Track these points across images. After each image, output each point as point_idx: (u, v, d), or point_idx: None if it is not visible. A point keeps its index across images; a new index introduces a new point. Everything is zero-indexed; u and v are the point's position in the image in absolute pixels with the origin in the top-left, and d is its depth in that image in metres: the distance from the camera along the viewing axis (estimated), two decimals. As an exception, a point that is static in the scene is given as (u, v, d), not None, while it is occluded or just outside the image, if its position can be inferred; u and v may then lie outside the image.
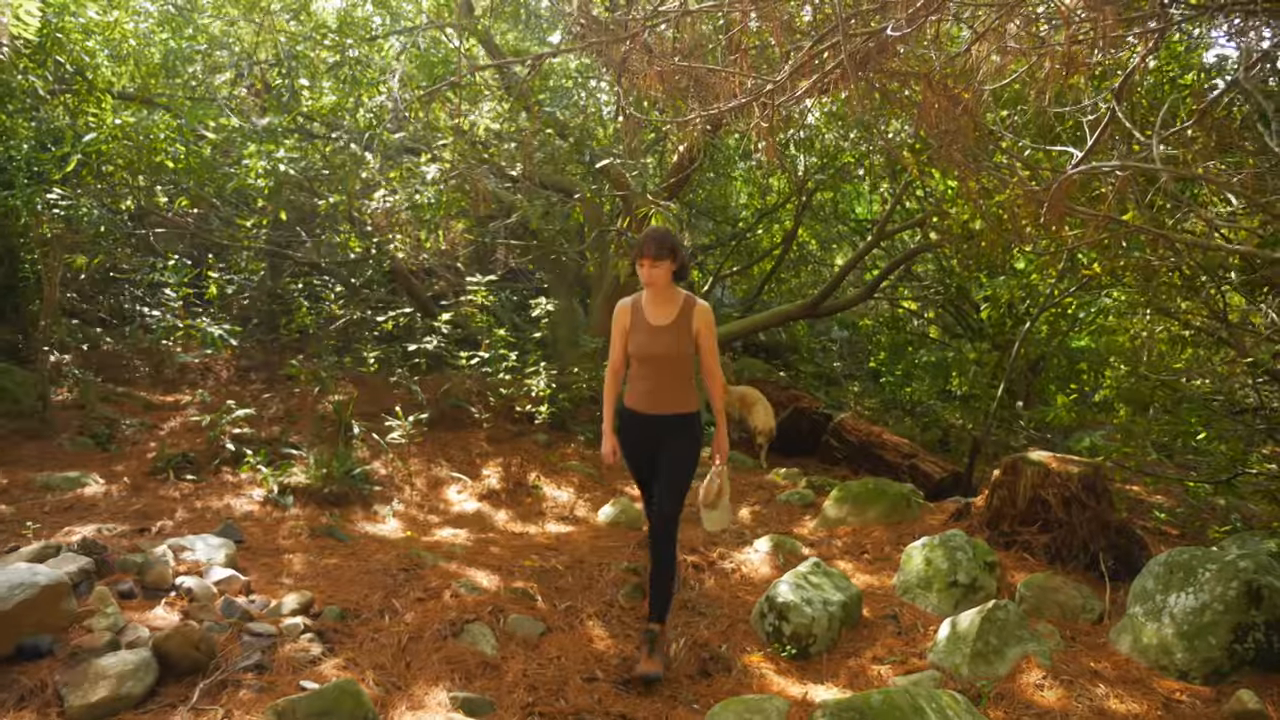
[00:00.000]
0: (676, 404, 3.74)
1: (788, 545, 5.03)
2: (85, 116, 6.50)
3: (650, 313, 3.73)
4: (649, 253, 3.57)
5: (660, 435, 3.74)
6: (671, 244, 3.60)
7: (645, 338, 3.70)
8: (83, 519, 4.35)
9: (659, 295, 3.71)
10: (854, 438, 7.97)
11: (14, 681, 2.82)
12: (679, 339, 3.66)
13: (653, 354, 3.68)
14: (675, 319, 3.69)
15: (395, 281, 8.69)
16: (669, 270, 3.63)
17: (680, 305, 3.71)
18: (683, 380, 3.75)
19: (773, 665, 3.73)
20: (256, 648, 3.16)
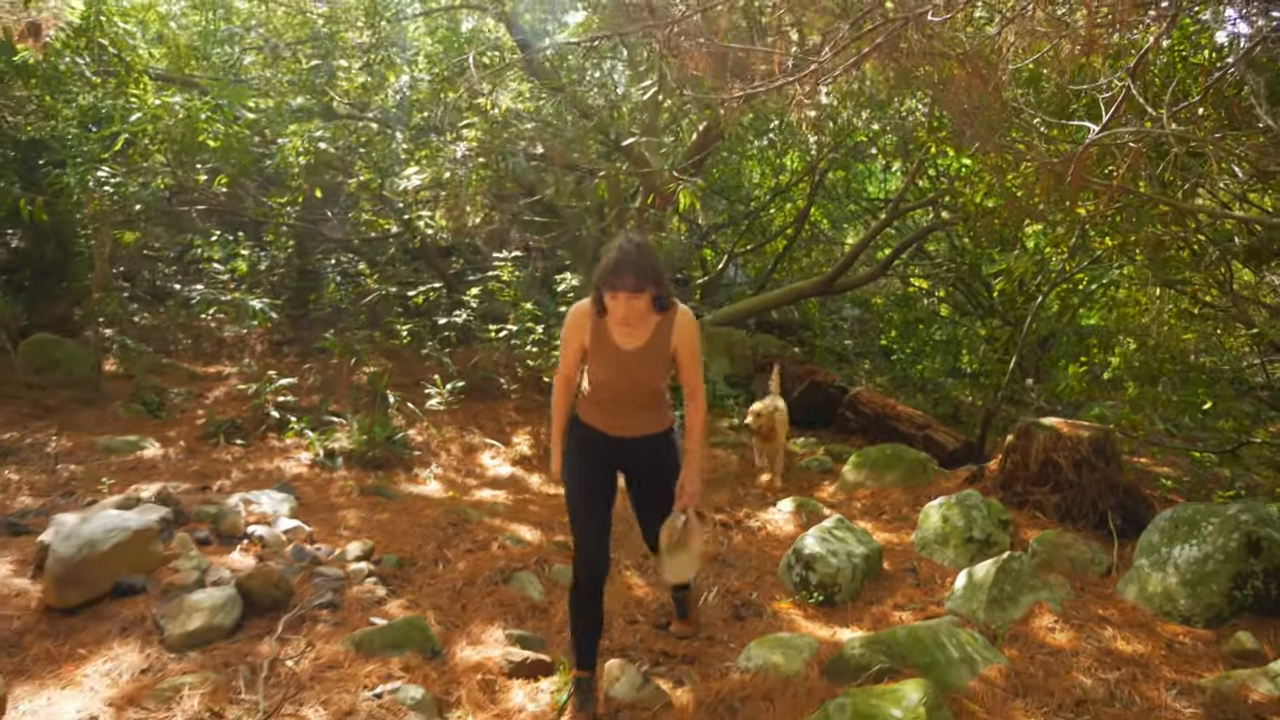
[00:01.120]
0: (650, 424, 3.05)
1: (810, 506, 5.28)
2: (126, 98, 6.73)
3: (618, 333, 2.87)
4: (626, 285, 2.68)
5: (634, 460, 3.09)
6: (653, 269, 2.75)
7: (610, 365, 2.92)
8: (147, 478, 4.62)
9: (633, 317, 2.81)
10: (869, 410, 8.20)
11: (116, 614, 3.09)
12: (654, 365, 2.91)
13: (619, 385, 2.95)
14: (649, 340, 2.88)
15: (419, 258, 8.93)
16: (649, 301, 2.78)
17: (658, 321, 2.87)
18: (655, 403, 3.05)
19: (800, 611, 3.99)
20: (328, 588, 3.42)
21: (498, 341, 7.09)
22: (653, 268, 2.77)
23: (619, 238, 2.83)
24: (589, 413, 3.07)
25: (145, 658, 2.87)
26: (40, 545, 3.31)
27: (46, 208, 5.96)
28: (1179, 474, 7.49)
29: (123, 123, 6.02)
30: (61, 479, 4.42)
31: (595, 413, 3.05)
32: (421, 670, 3.00)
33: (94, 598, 3.13)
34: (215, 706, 2.63)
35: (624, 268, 2.71)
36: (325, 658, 2.99)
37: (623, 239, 2.80)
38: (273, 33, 8.37)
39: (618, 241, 2.80)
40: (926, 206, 10.69)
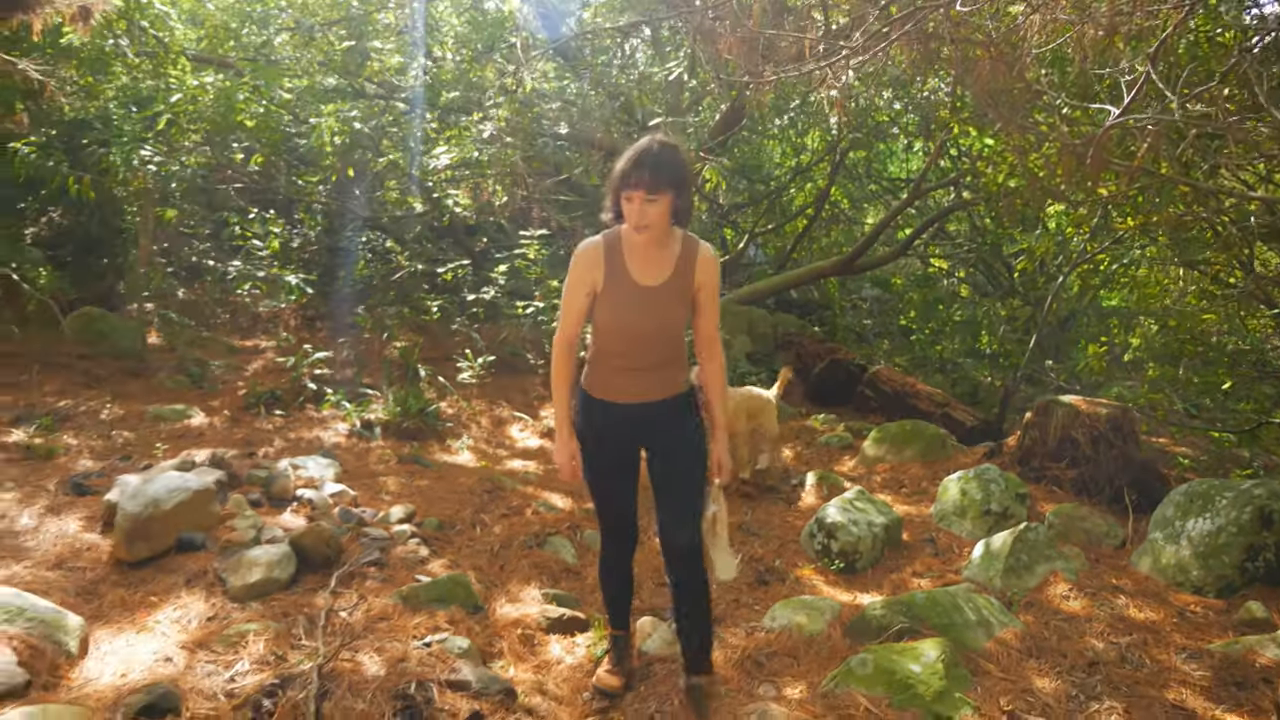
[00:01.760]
0: (671, 385, 2.66)
1: (830, 479, 5.43)
2: (165, 78, 6.91)
3: (636, 266, 2.53)
4: (642, 182, 2.38)
5: (653, 432, 2.68)
6: (675, 171, 2.42)
7: (628, 304, 2.53)
8: (196, 444, 4.83)
9: (651, 242, 2.51)
10: (888, 388, 8.31)
11: (180, 567, 3.30)
12: (676, 305, 2.56)
13: (639, 329, 2.56)
14: (672, 275, 2.54)
15: (445, 236, 9.09)
16: (668, 209, 2.44)
17: (678, 253, 2.55)
18: (675, 356, 2.66)
19: (822, 578, 4.15)
20: (374, 547, 3.61)
21: (524, 318, 7.25)
22: (674, 169, 2.43)
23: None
24: (597, 381, 2.66)
25: (211, 606, 3.07)
26: (108, 504, 3.52)
27: (91, 185, 6.15)
28: (1198, 454, 7.57)
29: (164, 103, 6.19)
30: (117, 444, 4.64)
31: (605, 377, 2.64)
32: (465, 623, 3.19)
33: (159, 552, 3.34)
34: (278, 651, 2.82)
35: (641, 164, 2.40)
36: (376, 610, 3.18)
37: (647, 137, 2.48)
38: (303, 12, 8.51)
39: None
40: (948, 186, 10.74)
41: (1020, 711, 2.87)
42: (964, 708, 2.83)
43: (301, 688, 2.59)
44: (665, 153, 2.44)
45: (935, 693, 2.83)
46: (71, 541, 3.41)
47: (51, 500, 3.73)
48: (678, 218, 2.51)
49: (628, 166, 2.42)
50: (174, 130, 6.33)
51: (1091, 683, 3.10)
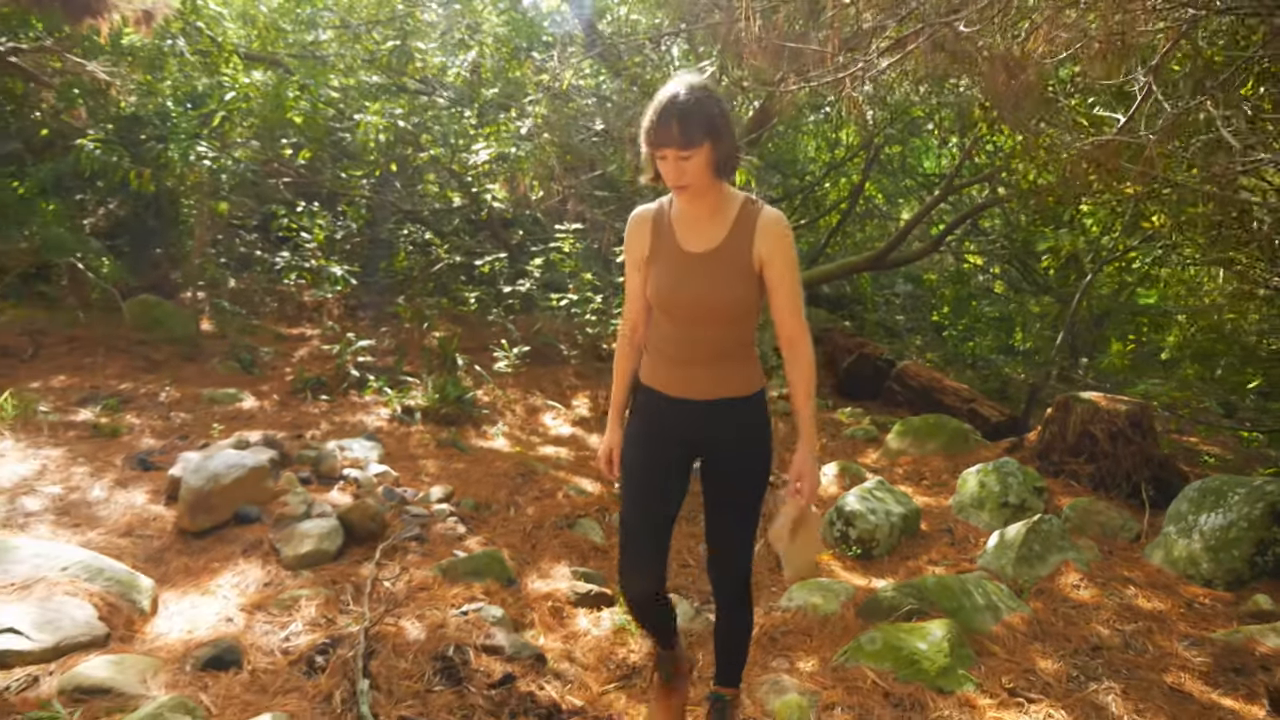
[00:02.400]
0: (729, 384, 2.26)
1: (853, 469, 5.58)
2: (219, 76, 7.23)
3: (683, 231, 2.22)
4: (670, 138, 2.04)
5: (706, 437, 2.31)
6: (707, 116, 2.05)
7: (672, 273, 2.20)
8: (247, 425, 5.12)
9: (696, 203, 2.18)
10: (916, 383, 8.42)
11: (238, 537, 3.57)
12: (731, 278, 2.16)
13: (685, 304, 2.20)
14: (725, 240, 2.17)
15: (482, 229, 9.34)
16: (707, 162, 2.08)
17: (734, 217, 2.18)
18: (735, 349, 2.25)
19: (840, 563, 4.32)
20: (415, 524, 3.86)
21: (559, 310, 7.47)
22: (708, 117, 2.05)
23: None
24: (650, 368, 2.34)
25: (266, 573, 3.33)
26: (171, 478, 3.80)
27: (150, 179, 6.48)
28: (1226, 453, 7.58)
29: (219, 101, 6.50)
30: (175, 424, 4.94)
31: (657, 364, 2.32)
32: (499, 595, 3.41)
33: (219, 523, 3.61)
34: (329, 615, 3.07)
35: (667, 116, 2.04)
36: (417, 581, 3.42)
37: (672, 81, 2.11)
38: (347, 11, 8.80)
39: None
40: (982, 182, 10.76)
41: (1021, 689, 3.02)
42: (966, 684, 2.99)
43: (350, 647, 2.83)
44: (695, 99, 2.05)
45: (939, 669, 3.00)
46: (139, 512, 3.69)
47: (119, 475, 4.03)
48: (721, 169, 2.13)
49: (654, 120, 2.06)
50: (227, 127, 6.63)
51: (1093, 665, 3.24)
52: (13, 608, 2.69)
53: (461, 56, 8.01)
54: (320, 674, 2.71)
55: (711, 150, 2.08)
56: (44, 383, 5.37)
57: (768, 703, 2.86)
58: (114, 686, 2.48)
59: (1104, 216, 6.85)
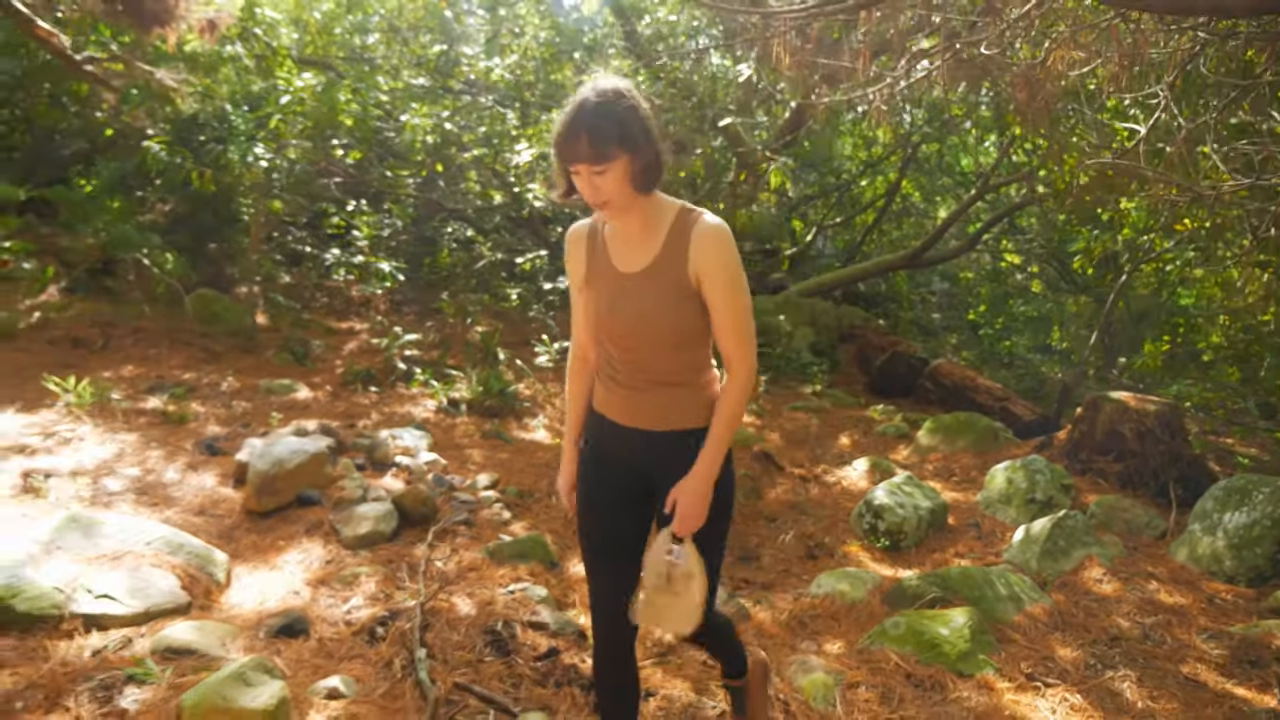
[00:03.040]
0: (680, 414, 2.05)
1: (883, 465, 5.72)
2: (274, 80, 7.54)
3: (616, 250, 2.04)
4: (580, 153, 1.84)
5: (656, 468, 2.08)
6: (620, 124, 1.84)
7: (608, 295, 2.03)
8: (303, 415, 5.40)
9: (624, 219, 1.98)
10: (948, 381, 8.50)
11: (300, 518, 3.83)
12: (668, 295, 1.97)
13: (622, 326, 2.01)
14: (658, 257, 1.98)
15: (522, 227, 9.59)
16: (625, 176, 1.87)
17: (668, 230, 1.98)
18: (691, 371, 2.05)
19: (868, 554, 4.47)
20: (463, 509, 4.09)
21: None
22: (621, 124, 1.84)
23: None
24: (600, 393, 2.16)
25: (328, 551, 3.58)
26: (238, 463, 4.07)
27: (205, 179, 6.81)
28: (1262, 454, 7.57)
29: (275, 105, 6.80)
30: (236, 413, 5.23)
31: (606, 390, 2.13)
32: (543, 576, 3.63)
33: (282, 505, 3.88)
34: (386, 590, 3.31)
35: (576, 126, 1.83)
36: (466, 562, 3.65)
37: (584, 87, 1.91)
38: (395, 16, 9.08)
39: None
40: (1019, 181, 10.77)
41: (1039, 675, 3.17)
42: (986, 668, 3.14)
43: (407, 620, 3.07)
44: (607, 106, 1.84)
45: (960, 653, 3.16)
46: (210, 493, 3.97)
47: (190, 458, 4.32)
48: (643, 181, 1.90)
49: (562, 132, 1.86)
50: (282, 128, 6.93)
51: (1111, 654, 3.37)
52: (106, 576, 2.96)
53: (504, 59, 8.25)
54: (381, 643, 2.95)
55: (629, 162, 1.87)
56: (115, 372, 5.70)
57: (795, 680, 3.04)
58: (198, 648, 2.74)
59: (1139, 218, 6.89)
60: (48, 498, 3.56)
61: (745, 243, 10.48)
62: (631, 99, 1.89)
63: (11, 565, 2.89)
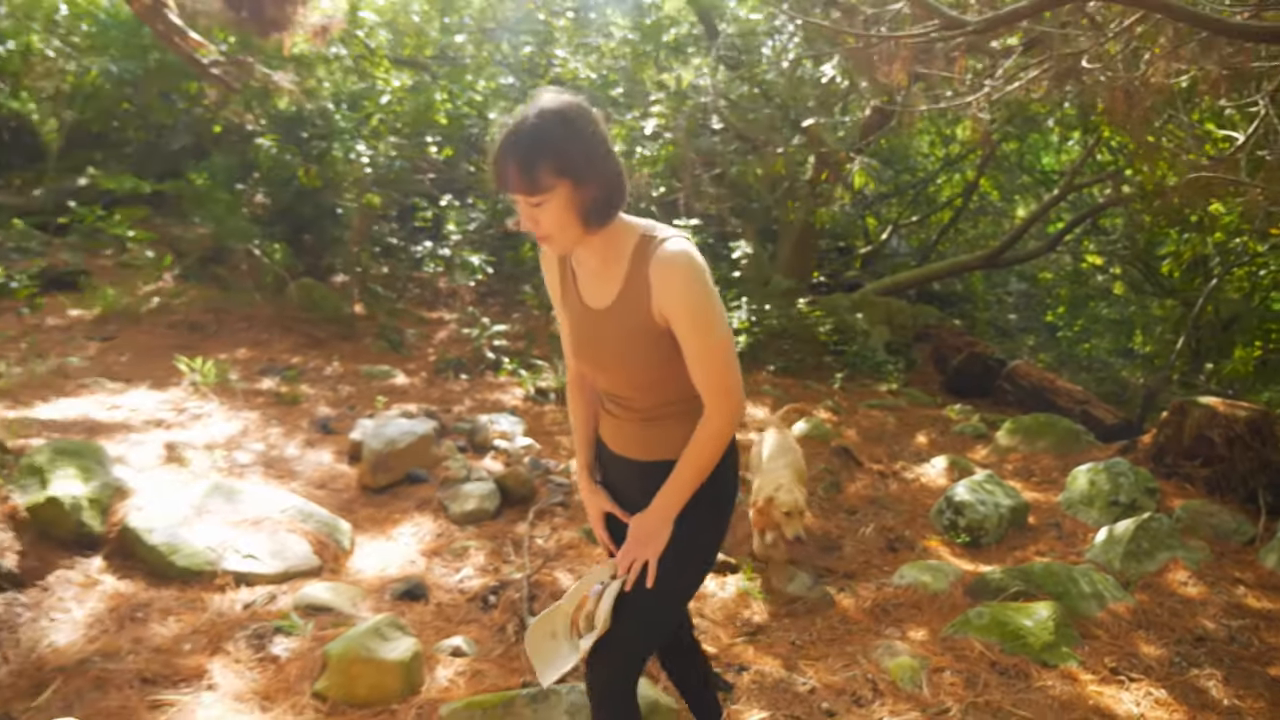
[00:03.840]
0: (669, 446, 1.86)
1: (962, 464, 5.77)
2: (373, 80, 7.91)
3: (583, 280, 1.87)
4: (512, 183, 1.65)
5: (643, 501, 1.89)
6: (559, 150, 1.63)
7: (579, 329, 1.91)
8: (401, 399, 5.71)
9: (582, 250, 1.81)
10: (1027, 382, 8.45)
11: (410, 494, 4.11)
12: (635, 336, 1.79)
13: (593, 362, 1.91)
14: (620, 293, 1.79)
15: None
16: (568, 208, 1.67)
17: (628, 264, 1.77)
18: (679, 402, 1.86)
19: (948, 549, 4.56)
20: (559, 492, 4.32)
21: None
22: (561, 150, 1.63)
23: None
24: (601, 419, 2.05)
25: (438, 526, 3.85)
26: (352, 441, 4.38)
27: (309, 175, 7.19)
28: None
29: (375, 104, 7.15)
30: (342, 395, 5.57)
31: (601, 415, 2.04)
32: (637, 557, 3.83)
33: (394, 482, 4.16)
34: (494, 563, 3.56)
35: (506, 152, 1.64)
36: (564, 540, 3.87)
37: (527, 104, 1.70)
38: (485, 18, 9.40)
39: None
40: (1104, 181, 10.57)
41: (1122, 669, 3.24)
42: (1070, 660, 3.23)
43: (515, 590, 3.30)
44: (543, 130, 1.63)
45: (1044, 644, 3.25)
46: (328, 469, 4.28)
47: (307, 436, 4.65)
48: (592, 214, 1.70)
49: (494, 158, 1.67)
50: (383, 128, 7.28)
51: (1196, 654, 3.42)
52: (250, 538, 3.27)
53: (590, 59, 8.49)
54: (493, 610, 3.19)
55: (572, 192, 1.65)
56: (229, 354, 6.11)
57: (882, 663, 3.18)
58: (334, 606, 3.02)
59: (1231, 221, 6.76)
60: (190, 467, 3.91)
61: (821, 240, 10.54)
62: (577, 119, 1.67)
63: (169, 525, 3.21)
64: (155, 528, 3.21)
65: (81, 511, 3.22)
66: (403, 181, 8.36)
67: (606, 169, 1.69)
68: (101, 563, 3.18)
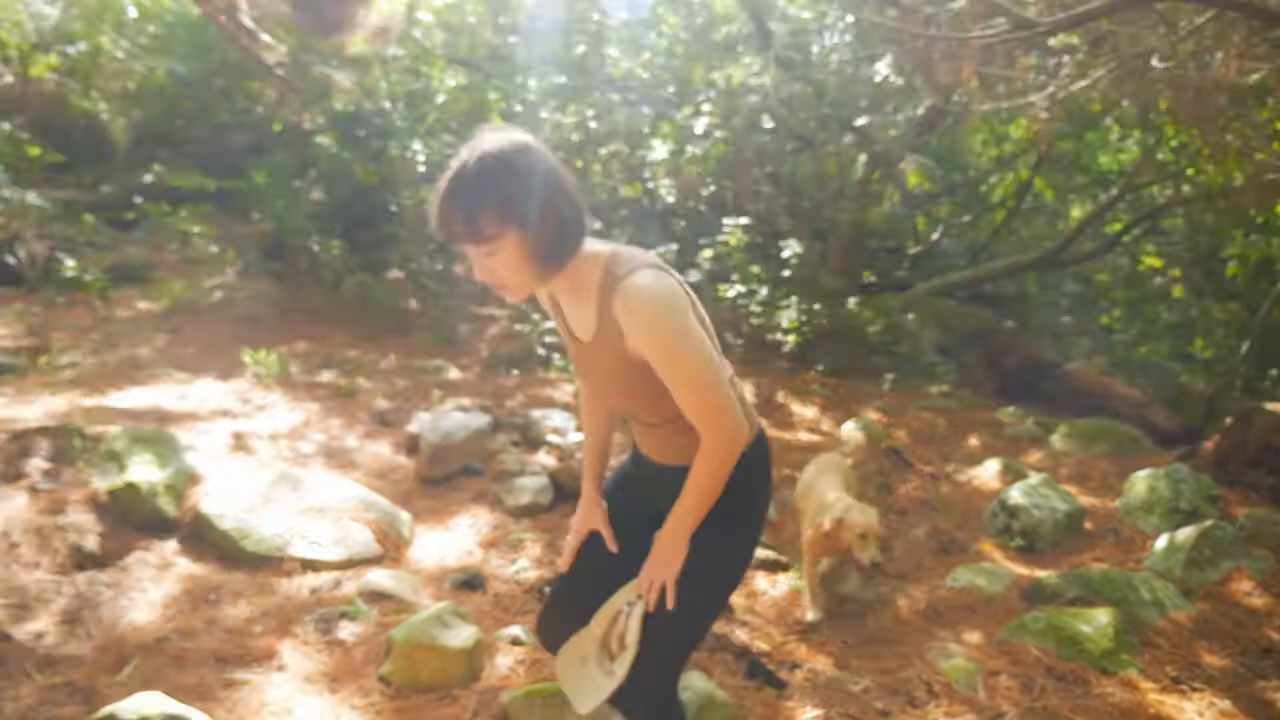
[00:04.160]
0: (679, 452, 1.86)
1: (1015, 467, 5.69)
2: (428, 79, 8.04)
3: (567, 310, 1.88)
4: (456, 232, 1.64)
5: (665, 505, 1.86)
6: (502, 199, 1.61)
7: (576, 357, 1.95)
8: (455, 393, 5.81)
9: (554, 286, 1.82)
10: (1081, 386, 8.30)
11: (466, 487, 4.20)
12: (619, 368, 1.80)
13: (595, 385, 2.01)
14: (598, 329, 1.78)
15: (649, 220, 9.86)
16: (519, 255, 1.66)
17: (596, 301, 1.76)
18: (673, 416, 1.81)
19: (1001, 552, 4.51)
20: (611, 487, 4.37)
21: (726, 300, 7.87)
22: (504, 195, 1.60)
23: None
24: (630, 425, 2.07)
25: (494, 518, 3.93)
26: (409, 434, 4.48)
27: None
28: None
29: (431, 103, 7.28)
30: (398, 388, 5.69)
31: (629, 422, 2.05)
32: (689, 553, 3.86)
33: (450, 474, 4.26)
34: (548, 556, 3.62)
35: (447, 201, 1.63)
36: (617, 535, 3.91)
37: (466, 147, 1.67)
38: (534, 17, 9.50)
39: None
40: (1165, 181, 10.31)
41: (1184, 678, 3.19)
42: (1129, 668, 3.19)
43: (570, 583, 3.35)
44: (483, 175, 1.60)
45: (1103, 651, 3.21)
46: (387, 460, 4.39)
47: (366, 428, 4.77)
48: (546, 258, 1.68)
49: (437, 207, 1.65)
50: (437, 125, 7.41)
51: (1262, 665, 3.35)
52: (315, 525, 3.37)
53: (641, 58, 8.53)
54: (549, 601, 3.24)
55: (519, 238, 1.62)
56: (289, 347, 6.28)
57: (936, 664, 3.17)
58: (395, 593, 3.10)
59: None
60: (256, 455, 4.03)
61: (872, 240, 10.45)
62: (518, 161, 1.62)
63: (239, 512, 3.33)
64: (226, 513, 3.33)
65: (157, 496, 3.35)
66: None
67: (556, 208, 1.66)
68: (176, 546, 3.31)
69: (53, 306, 6.48)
